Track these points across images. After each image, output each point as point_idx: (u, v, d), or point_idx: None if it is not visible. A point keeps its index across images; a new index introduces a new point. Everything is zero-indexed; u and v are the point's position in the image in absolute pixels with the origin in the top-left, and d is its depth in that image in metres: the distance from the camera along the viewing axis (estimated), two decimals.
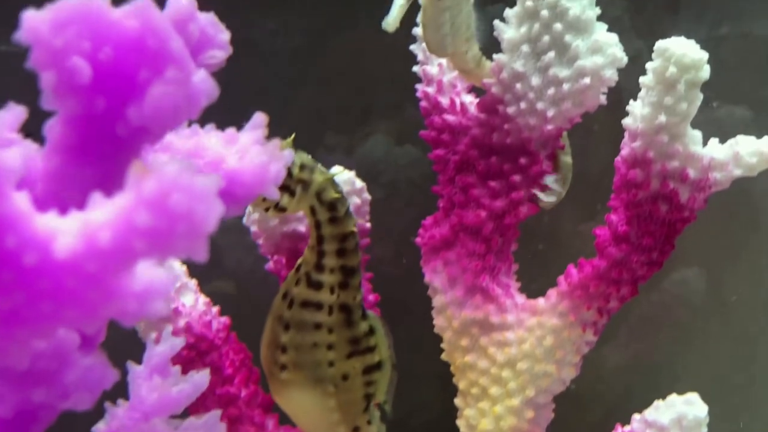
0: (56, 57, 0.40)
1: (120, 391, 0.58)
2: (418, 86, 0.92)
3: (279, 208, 0.75)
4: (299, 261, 0.79)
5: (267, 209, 0.75)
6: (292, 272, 0.79)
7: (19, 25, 0.40)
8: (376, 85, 1.32)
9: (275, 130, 1.28)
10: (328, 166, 1.23)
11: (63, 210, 0.43)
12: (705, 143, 0.79)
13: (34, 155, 0.45)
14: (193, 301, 0.96)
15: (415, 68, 0.93)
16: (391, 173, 1.34)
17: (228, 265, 1.29)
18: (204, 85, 0.43)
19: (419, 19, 0.93)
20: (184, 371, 0.94)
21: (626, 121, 0.80)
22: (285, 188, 0.74)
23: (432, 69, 0.91)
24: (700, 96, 0.76)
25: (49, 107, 0.42)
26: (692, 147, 0.77)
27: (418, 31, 0.92)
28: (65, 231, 0.37)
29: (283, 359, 0.79)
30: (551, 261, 1.25)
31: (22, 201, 0.37)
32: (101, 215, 0.36)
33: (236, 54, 1.27)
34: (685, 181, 0.78)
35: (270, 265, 1.01)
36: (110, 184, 0.44)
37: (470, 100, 0.91)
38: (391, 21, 0.72)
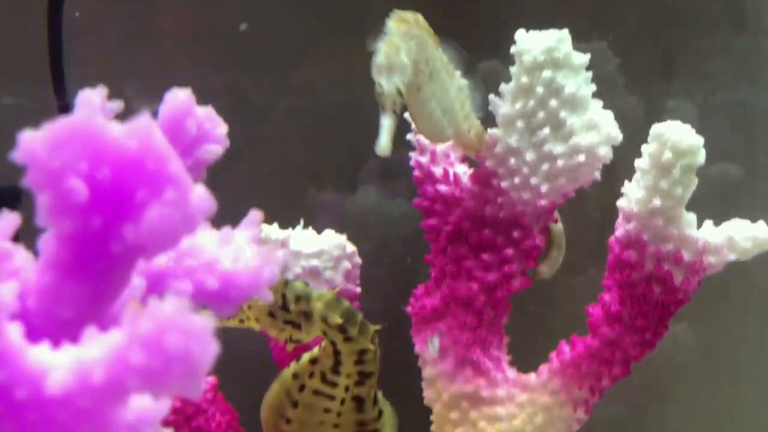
0: (52, 178, 0.39)
1: None
2: (411, 154, 0.92)
3: (294, 341, 0.75)
4: (313, 354, 0.78)
5: (285, 342, 0.75)
6: (306, 362, 0.78)
7: None
8: (368, 136, 1.32)
9: (266, 182, 1.28)
10: (318, 218, 1.24)
11: (56, 330, 0.43)
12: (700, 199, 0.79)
13: (26, 266, 0.44)
14: None
15: (409, 136, 0.93)
16: (381, 227, 1.34)
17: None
18: (202, 202, 0.42)
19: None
20: None
21: (621, 203, 0.80)
22: (290, 323, 0.74)
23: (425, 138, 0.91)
24: (695, 180, 0.76)
25: (44, 225, 0.41)
26: (687, 230, 0.77)
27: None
28: (58, 367, 0.36)
29: (285, 428, 0.79)
30: (542, 319, 1.25)
31: (14, 334, 0.36)
32: (95, 352, 0.36)
33: (229, 107, 1.27)
34: (679, 264, 0.78)
35: None
36: (103, 300, 0.43)
37: (464, 170, 0.91)
38: (384, 145, 0.71)
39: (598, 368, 0.82)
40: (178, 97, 0.54)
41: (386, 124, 0.70)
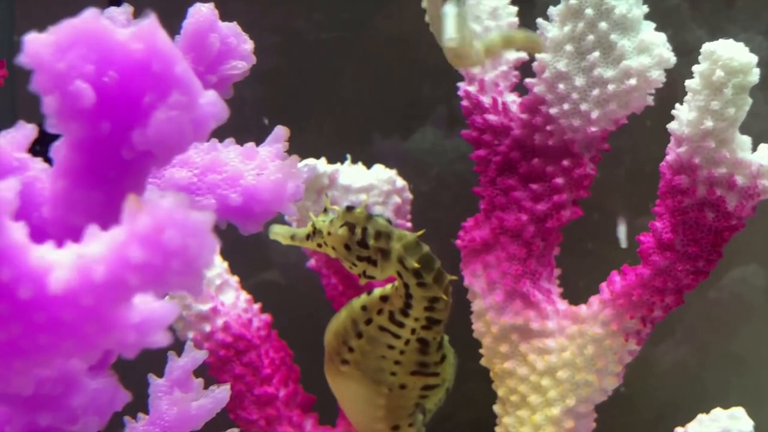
0: (59, 81, 0.39)
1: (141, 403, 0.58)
2: (460, 84, 0.90)
3: (368, 277, 0.74)
4: (385, 291, 0.77)
5: (358, 276, 0.75)
6: (377, 297, 0.77)
7: None
8: (425, 76, 1.30)
9: (323, 123, 1.28)
10: (375, 158, 1.23)
11: (70, 235, 0.43)
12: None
13: (42, 176, 0.44)
14: (233, 299, 0.96)
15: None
16: (439, 167, 1.33)
17: (274, 257, 1.29)
18: (212, 108, 0.42)
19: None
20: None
21: (672, 126, 0.77)
22: (366, 259, 0.73)
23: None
24: (749, 100, 0.73)
25: (53, 131, 0.41)
26: (740, 153, 0.74)
27: None
28: (60, 265, 0.36)
29: (347, 356, 0.79)
30: (601, 258, 1.22)
31: (18, 233, 0.36)
32: (96, 249, 0.35)
33: (283, 45, 1.26)
34: (732, 189, 0.75)
35: (311, 262, 1.00)
36: (116, 208, 0.43)
37: (512, 99, 0.88)
38: (451, 35, 0.68)
39: (650, 298, 0.79)
40: (201, 11, 0.53)
41: (450, 13, 0.68)
